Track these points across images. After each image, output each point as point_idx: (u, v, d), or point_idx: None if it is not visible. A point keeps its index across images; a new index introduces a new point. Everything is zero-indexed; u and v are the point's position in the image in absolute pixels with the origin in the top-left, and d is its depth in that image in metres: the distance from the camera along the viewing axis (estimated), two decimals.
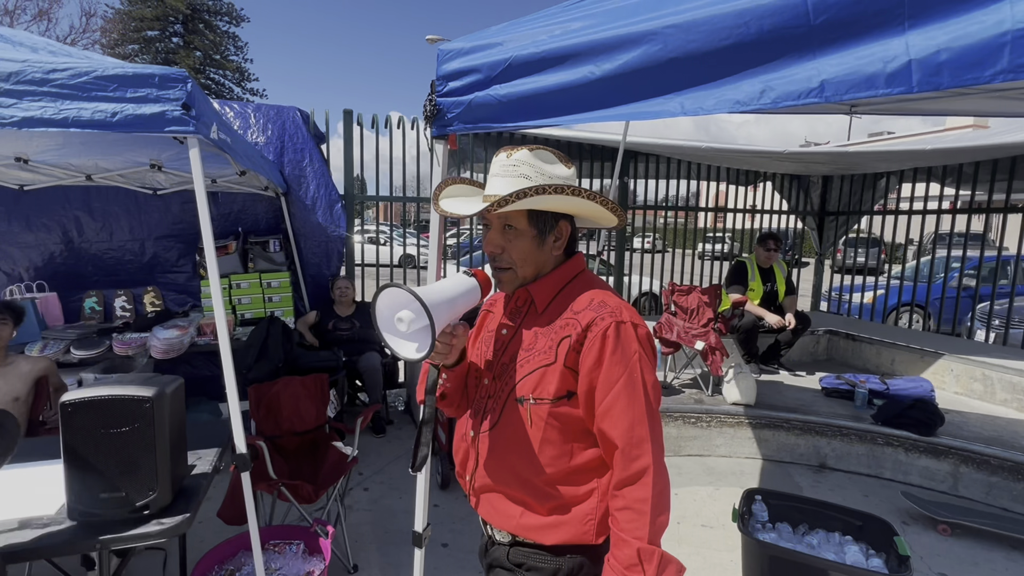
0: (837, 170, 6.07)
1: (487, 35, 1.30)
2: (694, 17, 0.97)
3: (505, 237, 1.05)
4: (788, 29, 0.89)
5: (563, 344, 1.02)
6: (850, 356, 5.25)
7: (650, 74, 1.03)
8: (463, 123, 1.33)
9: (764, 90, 0.92)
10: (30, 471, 1.72)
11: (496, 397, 1.08)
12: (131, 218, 3.92)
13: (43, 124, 1.53)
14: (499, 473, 1.07)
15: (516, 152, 1.03)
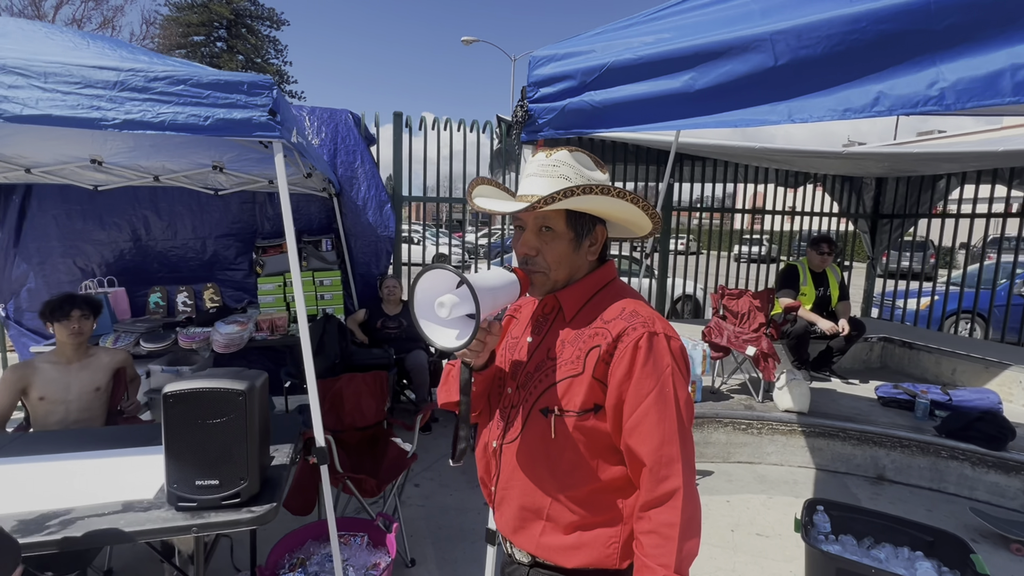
0: (893, 171, 5.85)
1: (579, 42, 1.31)
2: (805, 23, 0.95)
3: (541, 239, 1.01)
4: (908, 34, 0.86)
5: (592, 354, 0.97)
6: (906, 364, 5.05)
7: (755, 81, 1.02)
8: (554, 128, 1.34)
9: (879, 97, 0.90)
10: (125, 459, 1.82)
11: (519, 407, 1.03)
12: (194, 217, 4.09)
13: (142, 127, 1.62)
14: (521, 487, 1.02)
15: (556, 152, 1.00)
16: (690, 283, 7.45)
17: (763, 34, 0.99)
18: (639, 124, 1.19)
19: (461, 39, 20.78)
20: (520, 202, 0.99)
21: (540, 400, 1.00)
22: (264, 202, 4.25)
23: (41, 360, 2.45)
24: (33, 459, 1.80)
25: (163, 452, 1.46)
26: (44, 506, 1.48)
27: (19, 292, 3.86)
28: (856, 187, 6.34)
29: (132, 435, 2.07)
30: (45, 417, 2.40)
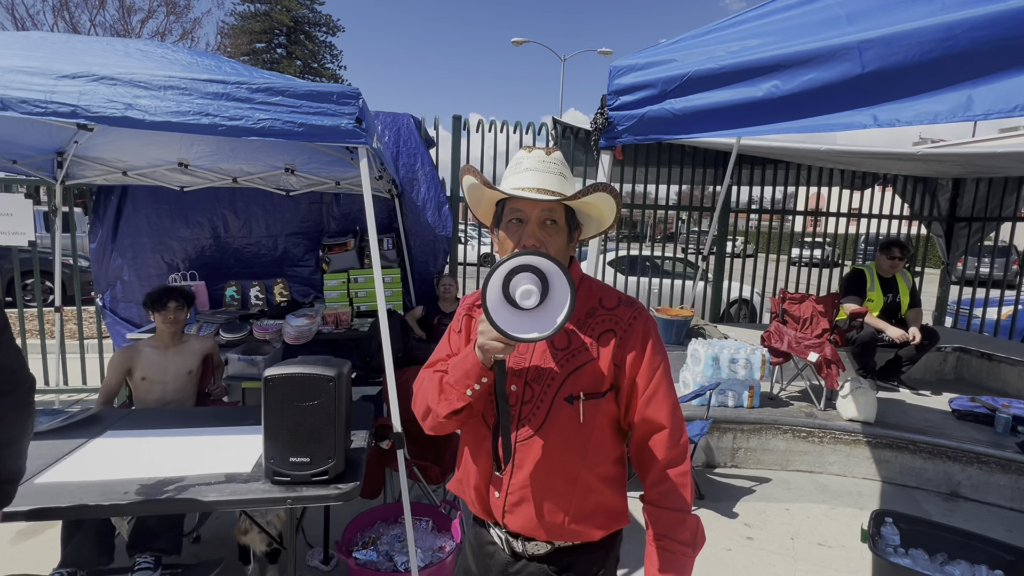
0: (971, 171, 5.51)
1: (659, 51, 1.34)
2: (895, 31, 0.96)
3: (545, 231, 1.04)
4: (1005, 40, 0.86)
5: (604, 338, 1.05)
6: (985, 377, 4.76)
7: (841, 87, 1.03)
8: (633, 135, 1.39)
9: (969, 102, 0.90)
10: (222, 436, 1.99)
11: (538, 401, 1.04)
12: (267, 216, 4.35)
13: (246, 132, 1.78)
14: (547, 478, 1.05)
15: (554, 152, 1.07)
16: (746, 287, 7.26)
17: (851, 43, 1.00)
18: (719, 130, 1.21)
19: (511, 40, 20.94)
20: (541, 194, 1.01)
21: (563, 389, 1.04)
22: (331, 202, 4.47)
23: (143, 344, 2.70)
24: (146, 433, 2.01)
25: (257, 431, 1.60)
26: (160, 473, 1.65)
27: (115, 284, 4.23)
28: (930, 188, 6.01)
29: (224, 415, 2.26)
30: (145, 395, 2.64)
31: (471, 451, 1.12)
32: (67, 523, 2.10)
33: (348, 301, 4.32)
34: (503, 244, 1.08)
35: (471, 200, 1.19)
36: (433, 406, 1.02)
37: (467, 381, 0.98)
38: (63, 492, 1.53)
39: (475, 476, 1.11)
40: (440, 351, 1.19)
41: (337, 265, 4.37)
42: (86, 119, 1.65)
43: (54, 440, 1.90)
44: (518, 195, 1.02)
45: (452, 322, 1.20)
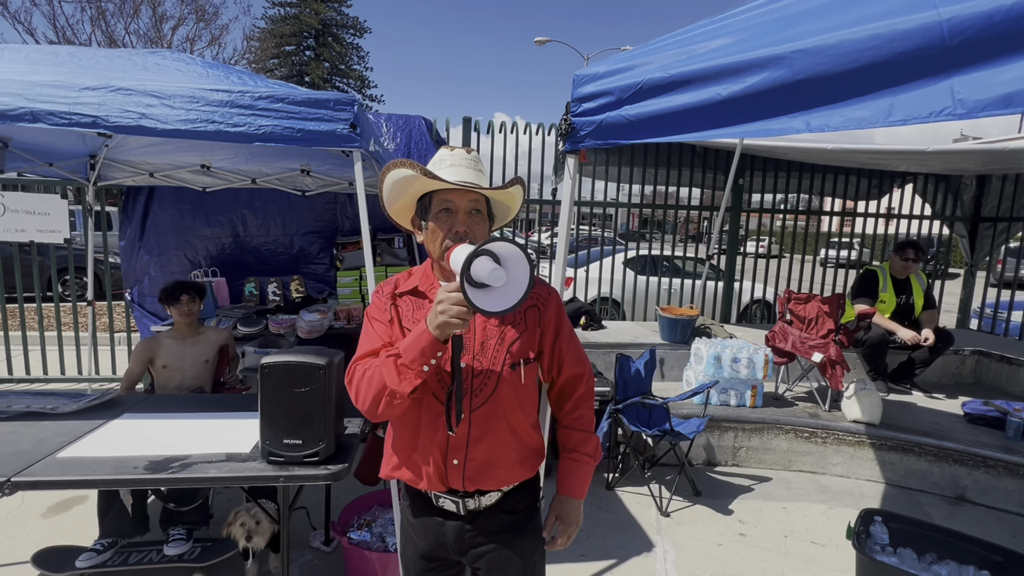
0: (997, 169, 5.35)
1: (619, 60, 1.42)
2: (823, 42, 1.01)
3: (472, 220, 1.19)
4: (921, 51, 0.91)
5: (530, 313, 1.26)
6: (1004, 381, 4.64)
7: (776, 95, 1.09)
8: (594, 140, 1.47)
9: (892, 108, 0.95)
10: (227, 420, 2.14)
11: (487, 371, 1.19)
12: (284, 216, 4.54)
13: (248, 138, 1.91)
14: (499, 435, 1.21)
15: (472, 151, 1.23)
16: (764, 287, 7.18)
17: (783, 52, 1.06)
18: (670, 134, 1.28)
19: (535, 40, 20.99)
20: (470, 187, 1.17)
21: (508, 357, 1.21)
22: (345, 202, 4.63)
23: (164, 335, 2.89)
24: (158, 416, 2.17)
25: (258, 415, 1.73)
26: (168, 452, 1.80)
27: (142, 280, 4.48)
28: (953, 187, 5.86)
29: (232, 402, 2.41)
30: (166, 382, 2.83)
31: (425, 430, 1.20)
32: (102, 498, 2.30)
33: (360, 297, 4.48)
34: (434, 233, 1.20)
35: (391, 196, 1.27)
36: (395, 387, 1.08)
37: (423, 359, 1.06)
38: (80, 466, 1.69)
39: (433, 451, 1.20)
40: (371, 342, 1.23)
41: (350, 263, 4.53)
42: (105, 128, 1.81)
43: (77, 421, 2.08)
44: (457, 186, 1.15)
45: (372, 312, 1.26)
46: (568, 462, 1.34)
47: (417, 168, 1.14)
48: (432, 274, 1.27)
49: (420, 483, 1.24)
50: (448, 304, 1.00)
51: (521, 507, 1.29)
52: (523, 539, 1.29)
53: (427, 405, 1.20)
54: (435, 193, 1.20)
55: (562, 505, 1.34)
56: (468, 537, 1.25)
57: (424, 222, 1.23)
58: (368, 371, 1.16)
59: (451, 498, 1.24)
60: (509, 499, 1.27)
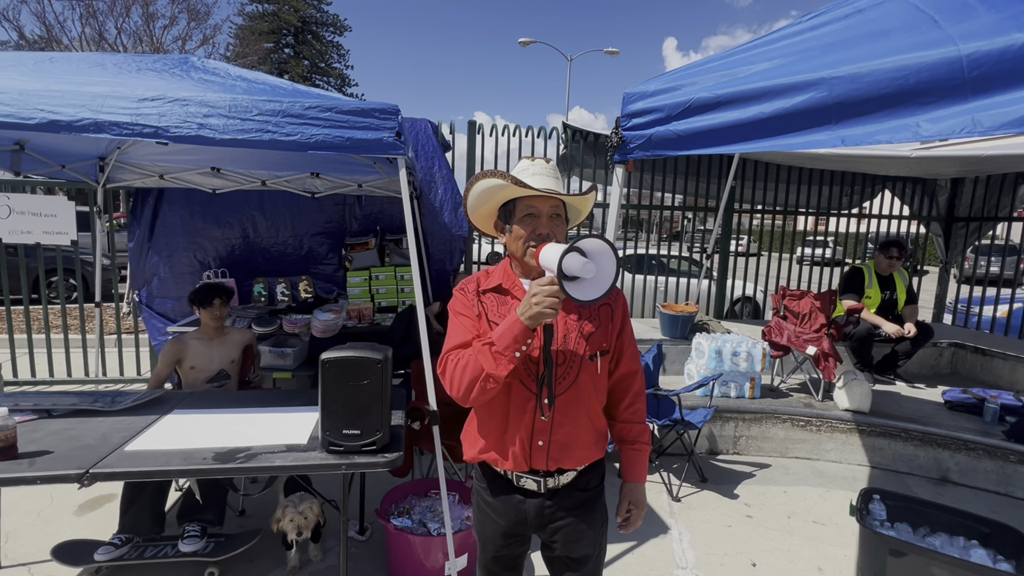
0: (969, 172, 5.69)
1: (665, 80, 1.57)
2: (857, 70, 1.18)
3: (553, 223, 1.32)
4: (943, 80, 1.08)
5: (603, 310, 1.38)
6: (979, 371, 4.95)
7: (815, 113, 1.25)
8: (642, 151, 1.62)
9: (919, 127, 1.12)
10: (274, 415, 2.24)
11: (570, 361, 1.32)
12: (293, 217, 4.60)
13: (301, 147, 2.01)
14: (578, 419, 1.34)
15: (551, 161, 1.36)
16: (750, 285, 7.47)
17: (823, 77, 1.22)
18: (714, 147, 1.44)
19: (518, 40, 21.13)
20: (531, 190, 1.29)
21: (588, 349, 1.34)
22: (353, 204, 4.71)
23: (190, 337, 2.95)
24: (208, 411, 2.26)
25: (304, 410, 1.86)
26: (231, 443, 1.90)
27: (151, 280, 4.49)
28: (929, 189, 6.19)
29: (270, 398, 2.50)
30: (194, 382, 2.90)
31: (514, 414, 1.34)
32: (127, 494, 2.37)
33: (370, 297, 4.57)
34: (517, 235, 1.33)
35: (476, 202, 1.40)
36: (492, 371, 1.20)
37: (516, 345, 1.18)
38: (151, 458, 1.78)
39: (521, 433, 1.34)
40: (461, 335, 1.35)
41: (359, 263, 4.61)
42: (166, 138, 1.89)
43: (130, 417, 2.15)
44: (541, 193, 1.29)
45: (458, 308, 1.39)
46: (632, 452, 1.47)
47: (508, 178, 1.27)
48: (512, 273, 1.40)
49: (505, 464, 1.37)
50: (543, 295, 1.13)
51: (592, 484, 1.44)
52: (594, 513, 1.43)
53: (516, 391, 1.33)
54: (519, 200, 1.33)
55: (633, 491, 1.47)
56: (548, 513, 1.39)
57: (508, 225, 1.36)
58: (461, 360, 1.28)
59: (533, 477, 1.37)
60: (583, 477, 1.41)
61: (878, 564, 2.34)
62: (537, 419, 1.33)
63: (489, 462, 1.41)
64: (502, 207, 1.39)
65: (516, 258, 1.38)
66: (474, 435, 1.44)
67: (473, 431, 1.45)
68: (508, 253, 1.42)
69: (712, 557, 2.67)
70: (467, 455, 1.47)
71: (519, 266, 1.40)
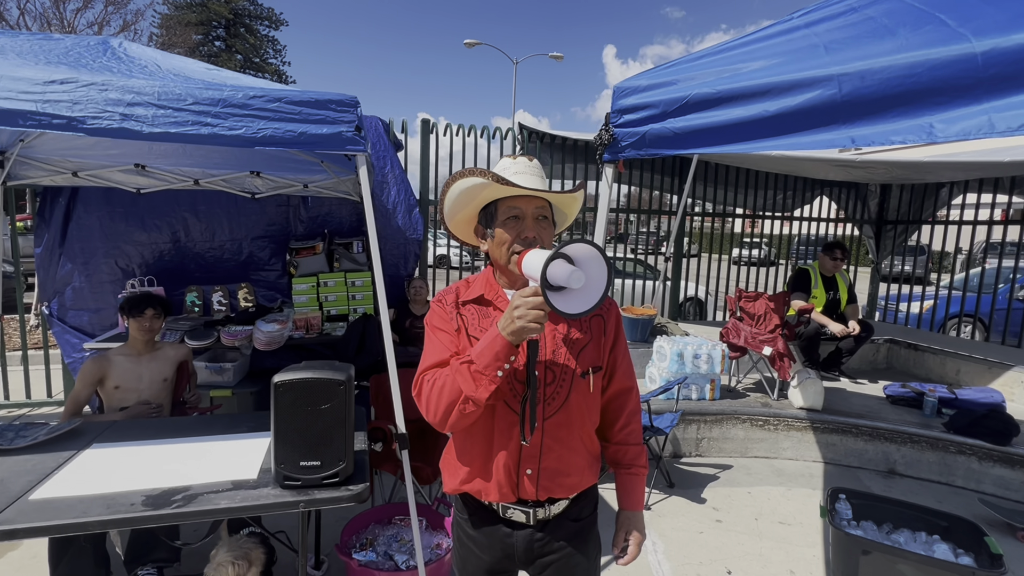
0: (896, 178, 6.05)
1: (658, 75, 1.48)
2: (868, 67, 1.13)
3: (539, 226, 1.18)
4: (957, 79, 1.04)
5: (595, 322, 1.26)
6: (912, 365, 5.25)
7: (822, 111, 1.20)
8: (635, 150, 1.51)
9: (932, 128, 1.08)
10: (214, 444, 1.97)
11: (560, 380, 1.19)
12: (231, 220, 4.23)
13: (246, 142, 1.77)
14: (569, 442, 1.21)
15: (534, 159, 1.24)
16: (692, 285, 7.63)
17: (831, 74, 1.17)
18: (714, 146, 1.36)
19: (464, 42, 20.94)
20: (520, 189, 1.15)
21: (578, 366, 1.21)
22: (298, 205, 4.39)
23: (115, 353, 2.60)
24: (136, 444, 1.95)
25: (253, 436, 1.62)
26: (163, 483, 1.63)
27: (63, 291, 3.99)
28: (861, 194, 6.55)
29: (213, 423, 2.22)
30: (118, 404, 2.55)
31: (499, 440, 1.19)
32: (56, 541, 2.02)
33: (318, 306, 4.27)
34: (499, 240, 1.19)
35: (455, 206, 1.25)
36: (472, 393, 1.07)
37: (497, 363, 1.05)
38: (64, 508, 1.49)
39: (506, 461, 1.19)
40: (438, 352, 1.20)
41: (305, 269, 4.30)
42: (83, 131, 1.60)
43: (36, 455, 1.82)
44: (528, 192, 1.15)
45: (435, 322, 1.24)
46: (628, 477, 1.34)
47: (489, 175, 1.12)
48: (495, 282, 1.25)
49: (490, 495, 1.22)
50: (526, 308, 0.99)
51: (586, 513, 1.31)
52: (588, 544, 1.31)
53: (500, 415, 1.18)
54: (501, 201, 1.19)
55: (631, 520, 1.34)
56: (538, 546, 1.25)
57: (489, 230, 1.22)
58: (438, 381, 1.13)
59: (521, 508, 1.23)
60: (575, 506, 1.28)
61: (851, 565, 2.36)
62: (525, 446, 1.19)
63: (472, 493, 1.26)
64: (482, 210, 1.24)
65: (499, 266, 1.23)
66: (454, 464, 1.28)
67: (452, 459, 1.29)
68: (491, 261, 1.27)
69: (688, 567, 2.61)
70: (448, 486, 1.30)
71: (503, 275, 1.25)
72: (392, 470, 2.43)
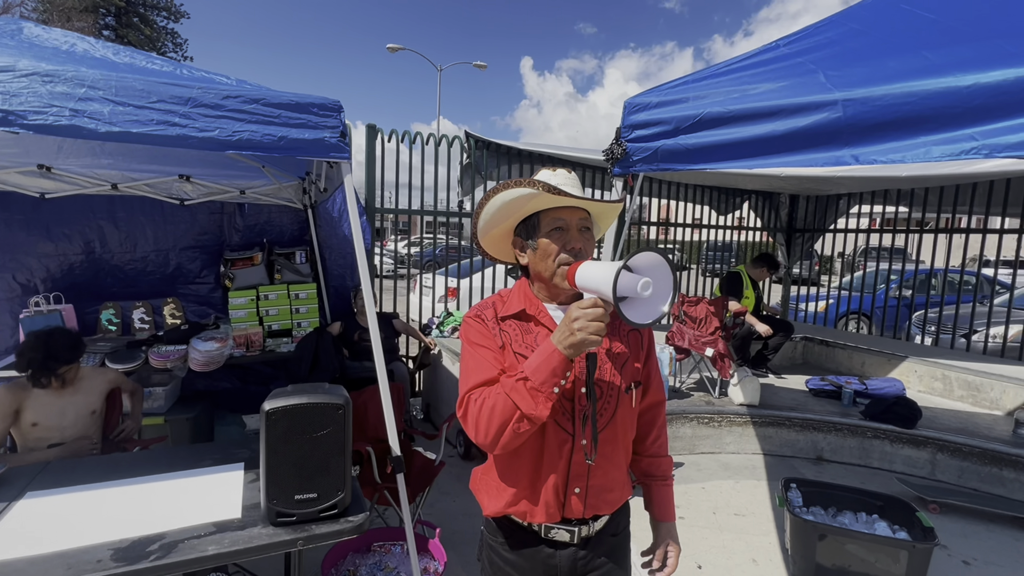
0: (802, 190, 6.68)
1: (668, 92, 1.53)
2: (870, 94, 1.25)
3: (584, 237, 1.16)
4: (947, 108, 1.18)
5: (632, 337, 1.26)
6: (824, 360, 5.80)
7: (827, 132, 1.30)
8: (647, 164, 1.55)
9: (928, 149, 1.21)
10: (182, 482, 1.76)
11: (607, 395, 1.19)
12: (156, 228, 3.83)
13: (221, 146, 1.61)
14: (614, 458, 1.21)
15: (573, 172, 1.20)
16: None
17: (836, 99, 1.28)
18: (725, 163, 1.43)
19: (387, 46, 20.53)
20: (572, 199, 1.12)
21: (623, 381, 1.20)
22: (233, 213, 4.07)
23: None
24: (83, 488, 1.69)
25: (225, 470, 1.48)
26: (130, 533, 1.43)
27: None
28: (775, 204, 7.17)
29: (174, 458, 1.98)
30: (38, 444, 2.20)
31: (549, 459, 1.16)
32: None
33: (258, 320, 3.97)
34: (545, 251, 1.16)
35: (495, 219, 1.21)
36: (531, 411, 1.03)
37: (555, 379, 1.02)
38: (11, 574, 1.26)
39: (556, 480, 1.17)
40: (484, 370, 1.15)
41: (243, 281, 3.99)
42: (23, 128, 1.37)
43: None
44: (578, 202, 1.13)
45: (476, 339, 1.19)
46: (663, 488, 1.36)
47: (539, 185, 1.09)
48: (534, 296, 1.22)
49: (536, 517, 1.19)
50: (586, 320, 0.97)
51: (622, 527, 1.32)
52: (626, 557, 1.32)
53: (550, 433, 1.15)
54: (544, 213, 1.17)
55: (670, 531, 1.36)
56: (581, 565, 1.23)
57: (531, 241, 1.18)
58: (488, 400, 1.09)
59: (566, 528, 1.20)
60: (614, 521, 1.28)
61: (809, 548, 2.55)
62: (575, 463, 1.17)
63: (516, 515, 1.22)
64: (521, 223, 1.21)
65: (542, 279, 1.19)
66: (496, 486, 1.23)
67: (494, 481, 1.24)
68: (531, 274, 1.23)
69: None
70: (489, 509, 1.25)
71: (544, 289, 1.22)
72: (368, 495, 2.30)
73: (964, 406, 4.52)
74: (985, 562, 2.85)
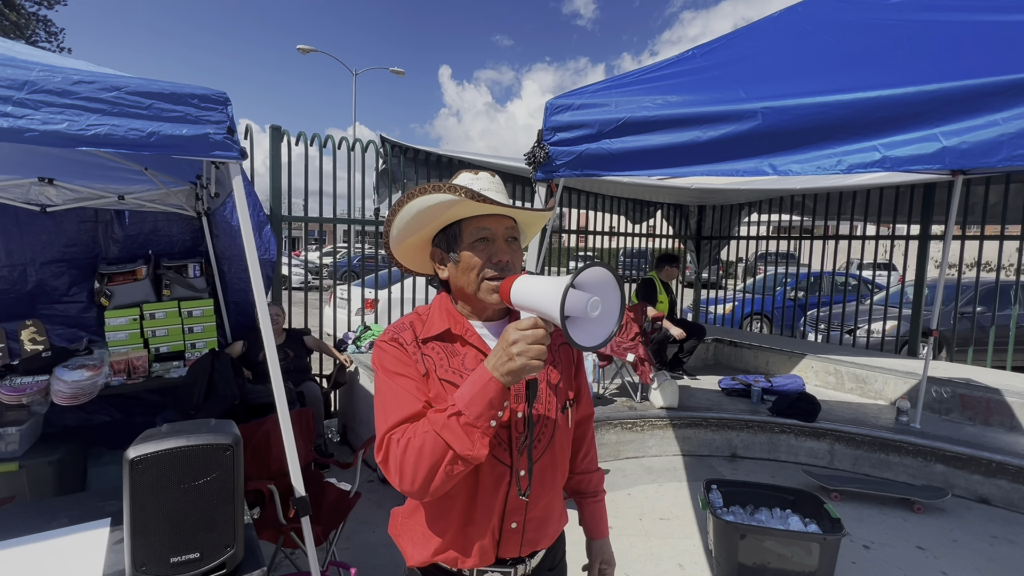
0: (706, 200, 7.09)
1: (590, 95, 1.46)
2: (786, 104, 1.27)
3: (510, 248, 1.06)
4: (854, 119, 1.21)
5: (563, 351, 1.17)
6: (733, 360, 6.13)
7: (747, 141, 1.30)
8: (570, 170, 1.47)
9: (839, 160, 1.24)
10: (31, 548, 1.43)
11: (544, 419, 1.09)
12: (9, 240, 3.26)
13: (70, 141, 1.34)
14: (554, 488, 1.12)
15: (496, 176, 1.11)
16: None
17: (755, 108, 1.28)
18: (650, 169, 1.39)
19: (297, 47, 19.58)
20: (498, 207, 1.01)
21: (559, 400, 1.11)
22: (110, 221, 3.57)
23: None
24: None
25: (84, 529, 1.22)
26: None
27: None
28: (684, 213, 7.55)
29: (21, 518, 1.62)
30: None
31: (484, 497, 1.03)
32: None
33: (142, 343, 3.50)
34: (468, 264, 1.03)
35: (410, 227, 1.07)
36: (468, 451, 0.89)
37: (491, 412, 0.90)
38: None
39: (490, 520, 1.05)
40: (406, 404, 1.00)
41: (123, 299, 3.50)
42: None
43: None
44: (502, 211, 1.02)
45: (392, 366, 1.03)
46: (595, 505, 1.30)
47: (461, 191, 0.96)
48: (457, 313, 1.08)
49: (467, 562, 1.05)
50: (526, 343, 0.85)
51: (559, 558, 1.22)
52: None
53: (486, 467, 1.02)
54: (466, 221, 1.04)
55: (604, 549, 1.29)
56: None
57: (452, 253, 1.05)
58: (414, 440, 0.93)
59: (499, 570, 1.08)
60: (550, 554, 1.17)
61: (731, 549, 2.60)
62: (512, 496, 1.05)
63: (445, 563, 1.07)
64: (440, 232, 1.07)
65: (465, 295, 1.06)
66: (423, 533, 1.08)
67: (420, 528, 1.09)
68: (452, 288, 1.10)
69: None
70: (414, 559, 1.09)
71: (467, 304, 1.09)
72: (272, 538, 2.05)
73: (854, 398, 4.94)
74: (881, 544, 3.07)
